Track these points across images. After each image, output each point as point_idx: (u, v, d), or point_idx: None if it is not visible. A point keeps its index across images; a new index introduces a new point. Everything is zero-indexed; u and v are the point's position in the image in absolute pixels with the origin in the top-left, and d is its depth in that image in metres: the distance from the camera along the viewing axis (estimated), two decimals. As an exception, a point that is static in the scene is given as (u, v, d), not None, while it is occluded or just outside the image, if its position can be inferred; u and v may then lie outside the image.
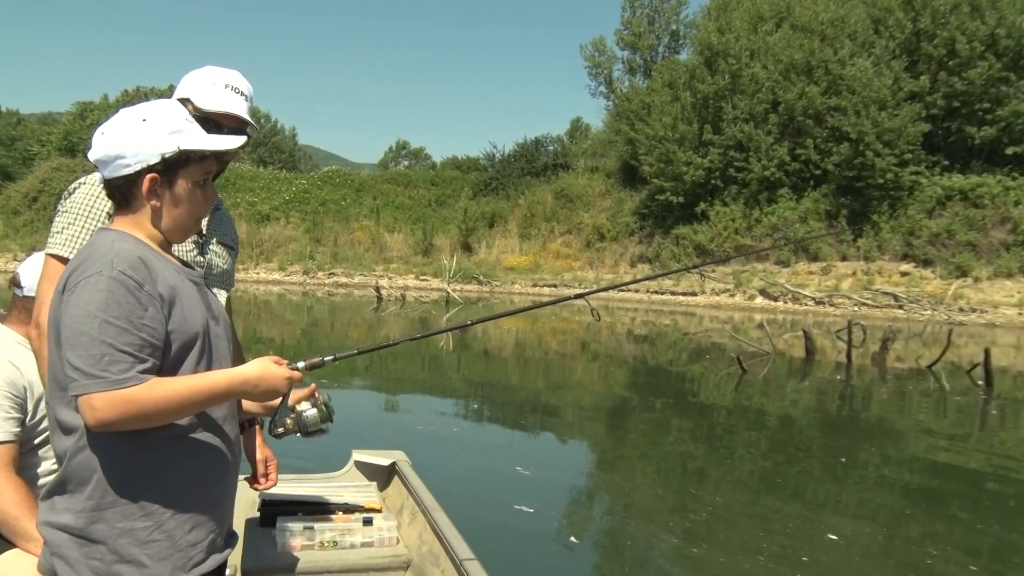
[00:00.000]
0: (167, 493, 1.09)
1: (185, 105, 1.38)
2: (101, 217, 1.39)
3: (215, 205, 1.55)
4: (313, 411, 1.29)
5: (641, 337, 13.97)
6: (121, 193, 1.13)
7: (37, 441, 1.54)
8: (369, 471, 2.45)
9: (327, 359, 1.27)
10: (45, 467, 1.54)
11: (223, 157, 1.33)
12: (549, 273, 23.27)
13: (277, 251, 25.94)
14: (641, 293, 20.64)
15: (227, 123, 1.48)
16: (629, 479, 4.78)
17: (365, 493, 2.28)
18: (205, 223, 1.53)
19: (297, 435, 1.30)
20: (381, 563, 1.92)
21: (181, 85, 1.51)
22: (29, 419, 1.52)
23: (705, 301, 20.28)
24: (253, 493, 1.79)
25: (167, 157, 1.11)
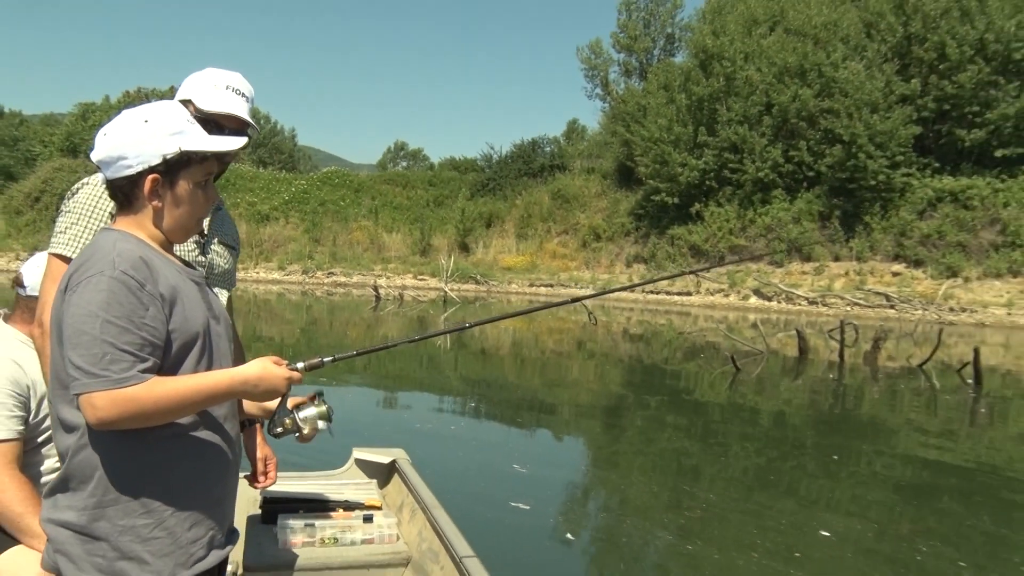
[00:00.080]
0: (168, 491, 1.09)
1: (187, 106, 1.39)
2: (103, 217, 1.39)
3: (216, 205, 1.56)
4: (312, 411, 1.29)
5: (636, 336, 14.00)
6: (123, 193, 1.14)
7: (40, 439, 1.55)
8: (369, 469, 2.45)
9: (326, 360, 1.27)
10: (48, 465, 1.55)
11: (224, 158, 1.34)
12: (546, 273, 23.30)
13: (276, 251, 25.84)
14: (636, 293, 20.66)
15: (228, 124, 1.49)
16: (624, 476, 4.80)
17: (365, 490, 2.29)
18: (207, 223, 1.54)
19: (296, 435, 1.30)
20: (381, 560, 1.93)
21: (183, 86, 1.52)
22: (32, 417, 1.53)
23: (700, 301, 20.36)
24: (255, 491, 1.80)
25: (169, 158, 1.11)
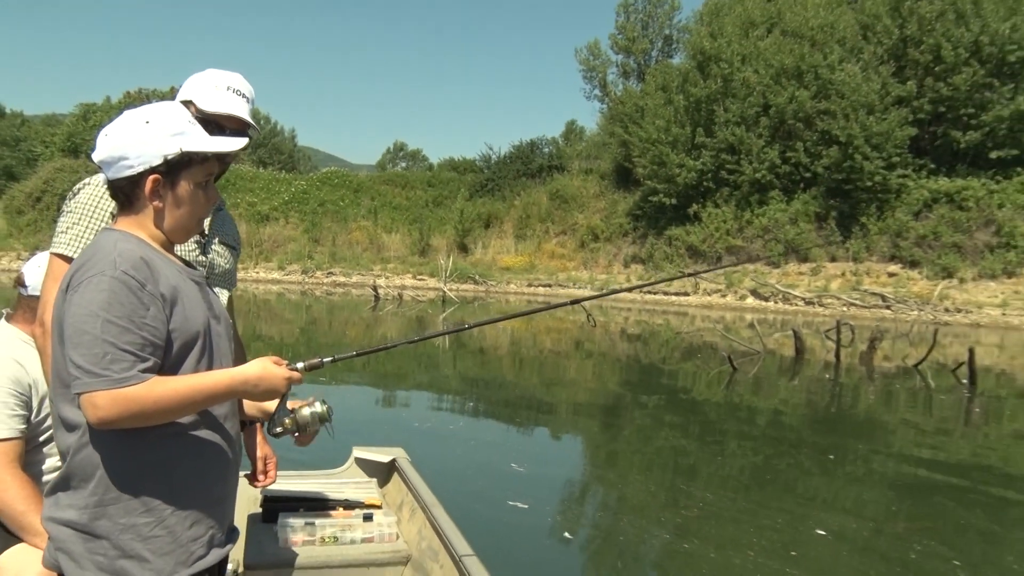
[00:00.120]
0: (169, 490, 1.10)
1: (188, 107, 1.40)
2: (105, 217, 1.40)
3: (217, 205, 1.56)
4: (312, 411, 1.30)
5: (634, 336, 14.02)
6: (124, 194, 1.14)
7: (42, 438, 1.56)
8: (369, 468, 2.46)
9: (326, 360, 1.28)
10: (49, 464, 1.56)
11: (225, 158, 1.35)
12: (544, 273, 23.33)
13: (276, 251, 25.83)
14: (634, 293, 20.70)
15: (229, 125, 1.49)
16: (621, 475, 4.82)
17: (365, 489, 2.30)
18: (207, 223, 1.54)
19: (295, 435, 1.30)
20: (381, 558, 1.94)
21: (184, 87, 1.53)
22: (34, 416, 1.53)
23: (697, 301, 20.40)
24: (255, 489, 1.81)
25: (169, 158, 1.12)
